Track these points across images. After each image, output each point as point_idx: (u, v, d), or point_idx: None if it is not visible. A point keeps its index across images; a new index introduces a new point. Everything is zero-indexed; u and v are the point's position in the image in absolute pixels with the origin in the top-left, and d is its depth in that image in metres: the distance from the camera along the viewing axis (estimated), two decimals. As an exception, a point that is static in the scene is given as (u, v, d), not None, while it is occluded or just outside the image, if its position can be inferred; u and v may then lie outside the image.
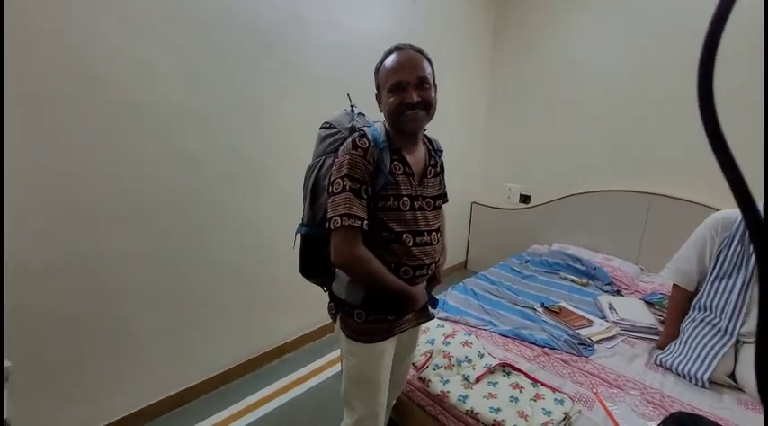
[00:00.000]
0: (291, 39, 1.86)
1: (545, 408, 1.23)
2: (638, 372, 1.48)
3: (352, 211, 0.91)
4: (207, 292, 1.80)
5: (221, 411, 1.77)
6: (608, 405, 1.29)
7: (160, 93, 1.49)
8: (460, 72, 2.96)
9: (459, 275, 3.29)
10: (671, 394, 1.35)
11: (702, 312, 1.55)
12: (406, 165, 1.01)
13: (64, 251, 1.37)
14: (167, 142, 1.55)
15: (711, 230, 1.56)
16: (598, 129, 2.69)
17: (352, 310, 1.04)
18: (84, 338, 1.46)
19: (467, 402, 1.28)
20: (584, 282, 2.31)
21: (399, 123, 0.99)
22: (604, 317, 1.87)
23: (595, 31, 2.62)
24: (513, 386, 1.34)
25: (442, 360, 1.46)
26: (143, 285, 1.58)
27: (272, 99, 1.86)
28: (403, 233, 1.00)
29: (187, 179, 1.64)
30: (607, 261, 2.49)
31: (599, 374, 1.47)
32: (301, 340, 2.28)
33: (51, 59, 1.24)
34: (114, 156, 1.43)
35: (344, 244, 0.93)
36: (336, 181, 0.94)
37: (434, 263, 1.11)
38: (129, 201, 1.49)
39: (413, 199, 1.02)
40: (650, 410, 1.27)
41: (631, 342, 1.69)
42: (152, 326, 1.64)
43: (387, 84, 0.97)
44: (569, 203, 2.84)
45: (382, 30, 2.27)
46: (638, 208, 2.50)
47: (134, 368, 1.62)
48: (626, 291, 2.20)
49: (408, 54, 0.98)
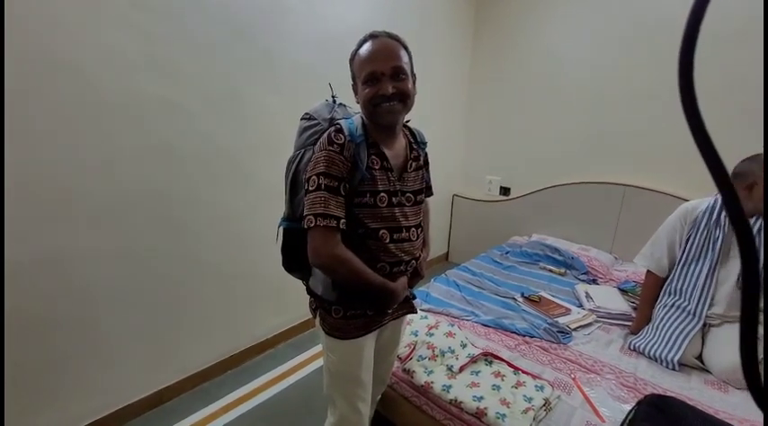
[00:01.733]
0: (271, 27, 1.81)
1: (526, 395, 1.26)
2: (614, 357, 1.54)
3: (327, 211, 0.89)
4: (186, 289, 1.75)
5: (203, 408, 1.74)
6: (585, 390, 1.34)
7: (131, 83, 1.42)
8: (441, 63, 2.95)
9: (440, 267, 3.33)
10: (644, 377, 1.41)
11: (672, 296, 1.63)
12: (384, 160, 0.98)
13: (33, 250, 1.30)
14: (140, 134, 1.48)
15: (681, 218, 1.63)
16: (575, 122, 2.75)
17: (329, 306, 1.03)
18: (57, 339, 1.40)
19: (450, 391, 1.30)
20: (562, 272, 2.37)
21: (375, 116, 0.95)
22: (581, 305, 1.93)
23: (573, 25, 2.66)
24: (495, 374, 1.37)
25: (425, 351, 1.47)
26: (117, 283, 1.53)
27: (252, 89, 1.80)
28: (379, 229, 0.97)
29: (162, 173, 1.58)
30: (584, 251, 2.57)
31: (577, 360, 1.51)
32: (283, 335, 2.26)
33: (12, 48, 1.16)
34: (84, 150, 1.36)
35: (322, 244, 0.90)
36: (312, 178, 0.91)
37: (414, 260, 1.09)
38: (100, 197, 1.43)
39: (391, 195, 0.99)
40: (625, 393, 1.33)
41: (607, 329, 1.75)
42: (128, 325, 1.59)
43: (361, 75, 0.93)
44: (548, 195, 2.90)
45: (364, 17, 2.23)
46: (612, 199, 2.58)
47: (110, 369, 1.56)
48: (601, 280, 2.28)
49: (384, 42, 0.93)
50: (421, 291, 2.06)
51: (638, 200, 2.46)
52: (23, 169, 1.24)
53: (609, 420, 1.19)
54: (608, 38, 2.51)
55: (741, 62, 2.04)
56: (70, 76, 1.29)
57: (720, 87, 2.06)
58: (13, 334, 1.30)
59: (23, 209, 1.26)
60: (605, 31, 2.52)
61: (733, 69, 2.06)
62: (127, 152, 1.46)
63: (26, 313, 1.32)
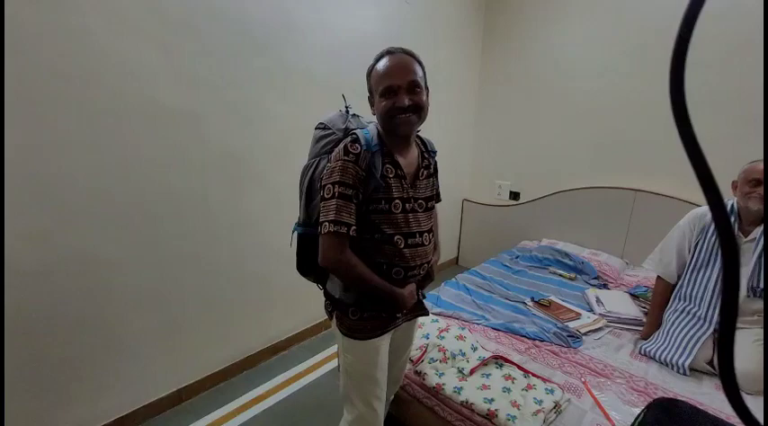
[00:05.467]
0: (283, 38, 1.87)
1: (536, 397, 1.29)
2: (624, 362, 1.55)
3: (339, 218, 0.94)
4: (201, 291, 1.81)
5: (220, 408, 1.79)
6: (596, 394, 1.35)
7: (149, 93, 1.49)
8: (451, 71, 2.99)
9: (450, 271, 3.35)
10: (654, 382, 1.42)
11: (682, 302, 1.63)
12: (397, 168, 1.03)
13: (56, 252, 1.36)
14: (157, 142, 1.55)
15: (690, 224, 1.64)
16: (585, 128, 2.76)
17: (346, 308, 1.07)
18: (79, 339, 1.46)
19: (462, 393, 1.33)
20: (572, 276, 2.38)
21: (391, 127, 1.00)
22: (592, 310, 1.94)
23: (582, 32, 2.68)
24: (505, 377, 1.40)
25: (437, 354, 1.50)
26: (137, 285, 1.59)
27: (264, 98, 1.86)
28: (394, 235, 1.02)
29: (180, 179, 1.64)
30: (594, 256, 2.57)
31: (587, 364, 1.53)
32: (296, 337, 2.31)
33: (39, 59, 1.23)
34: (104, 157, 1.42)
35: (331, 248, 0.96)
36: (327, 186, 0.96)
37: (427, 263, 1.13)
38: (122, 201, 1.49)
39: (404, 202, 1.04)
40: (635, 397, 1.34)
41: (617, 333, 1.76)
42: (147, 326, 1.65)
43: (378, 88, 0.99)
44: (558, 200, 2.91)
45: (373, 29, 2.29)
46: (623, 204, 2.58)
47: (130, 368, 1.63)
48: (612, 285, 2.28)
49: (400, 58, 0.99)
50: (431, 295, 2.09)
51: (649, 205, 2.46)
52: (51, 174, 1.31)
53: (619, 423, 1.21)
54: (618, 44, 2.53)
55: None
56: (97, 86, 1.36)
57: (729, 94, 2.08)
58: (43, 332, 1.37)
59: (52, 213, 1.33)
60: (615, 38, 2.54)
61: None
62: (147, 158, 1.53)
63: (54, 312, 1.38)
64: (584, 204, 2.77)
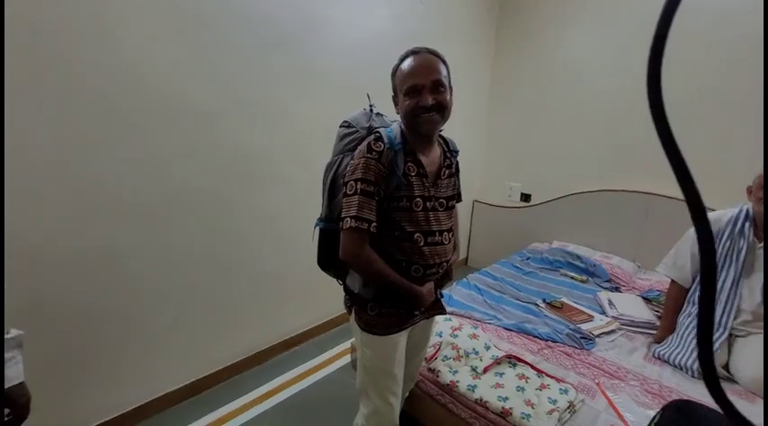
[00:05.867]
0: (302, 36, 1.90)
1: (550, 397, 1.29)
2: (638, 364, 1.55)
3: (361, 214, 0.96)
4: (217, 286, 1.84)
5: (233, 401, 1.82)
6: (609, 395, 1.36)
7: (171, 89, 1.52)
8: (463, 70, 3.00)
9: (460, 272, 3.34)
10: (669, 385, 1.42)
11: (696, 306, 1.62)
12: (420, 167, 1.04)
13: (83, 243, 1.40)
14: (183, 139, 1.59)
15: None
16: (598, 130, 2.76)
17: (365, 303, 1.09)
18: (99, 329, 1.50)
19: (476, 391, 1.34)
20: (584, 279, 2.38)
21: (415, 126, 1.01)
22: (604, 313, 1.94)
23: (595, 33, 2.68)
24: (519, 376, 1.41)
25: (450, 352, 1.52)
26: (157, 278, 1.63)
27: (282, 96, 1.89)
28: (414, 232, 1.04)
29: (203, 174, 1.68)
30: (606, 259, 2.56)
31: (600, 366, 1.53)
32: (308, 333, 2.33)
33: (63, 57, 1.27)
34: (133, 152, 1.46)
35: (351, 243, 0.98)
36: (350, 183, 0.99)
37: (446, 262, 1.15)
38: (145, 196, 1.53)
39: (425, 200, 1.05)
40: (649, 399, 1.34)
41: (630, 336, 1.76)
42: (164, 319, 1.68)
43: (403, 87, 1.00)
44: (569, 202, 2.91)
45: (388, 28, 2.31)
46: (636, 208, 2.57)
47: (147, 360, 1.66)
48: (624, 288, 2.27)
49: (425, 57, 1.00)
50: (443, 294, 2.10)
51: (663, 209, 2.45)
52: (77, 168, 1.35)
53: (633, 425, 1.21)
54: (630, 46, 2.52)
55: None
56: (120, 83, 1.39)
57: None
58: (65, 322, 1.41)
59: (82, 206, 1.38)
60: (629, 39, 2.52)
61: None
62: (168, 154, 1.56)
63: (76, 302, 1.42)
64: (597, 207, 2.76)
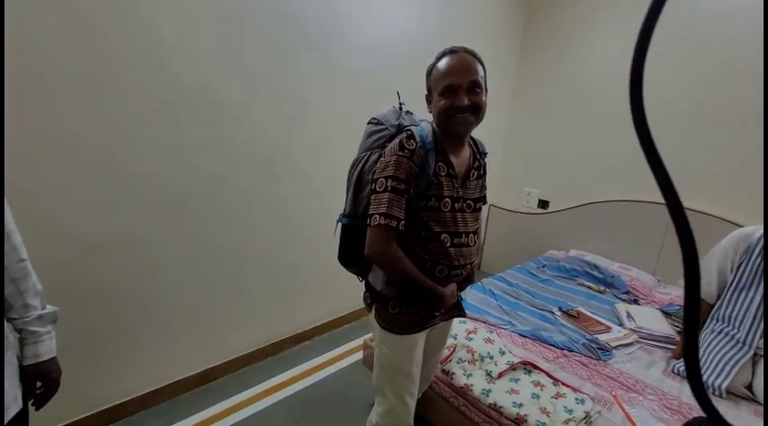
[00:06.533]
0: (331, 34, 1.91)
1: (566, 406, 1.28)
2: (656, 379, 1.52)
3: (391, 211, 0.95)
4: (235, 276, 1.86)
5: (244, 390, 1.84)
6: (627, 408, 1.33)
7: (204, 82, 1.55)
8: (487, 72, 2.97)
9: (472, 275, 3.33)
10: (688, 402, 1.39)
11: (721, 323, 1.58)
12: (450, 167, 1.03)
13: (110, 227, 1.43)
14: (210, 130, 1.61)
15: (734, 244, 1.59)
16: (622, 138, 2.70)
17: (386, 301, 1.09)
18: (125, 312, 1.53)
19: (490, 395, 1.33)
20: (601, 289, 2.34)
21: (448, 126, 1.00)
22: (622, 324, 1.90)
23: (621, 40, 2.63)
24: (534, 383, 1.39)
25: (465, 355, 1.50)
26: (177, 265, 1.65)
27: (309, 92, 1.90)
28: (441, 233, 1.03)
29: (226, 166, 1.70)
30: (624, 270, 2.52)
31: (617, 378, 1.50)
32: (320, 328, 2.34)
33: (106, 47, 1.30)
34: (163, 141, 1.49)
35: (379, 240, 0.98)
36: (380, 180, 0.98)
37: (470, 265, 1.14)
38: (169, 185, 1.55)
39: (454, 201, 1.04)
40: (668, 415, 1.31)
41: (649, 350, 1.72)
42: (183, 306, 1.71)
43: (438, 87, 0.99)
44: (589, 211, 2.86)
45: (414, 28, 2.30)
46: (658, 220, 2.51)
47: (164, 344, 1.69)
48: (643, 301, 2.23)
49: (462, 57, 0.99)
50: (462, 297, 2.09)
51: (686, 222, 2.38)
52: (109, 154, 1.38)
53: (651, 440, 1.19)
54: (656, 56, 2.45)
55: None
56: (157, 72, 1.42)
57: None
58: (93, 304, 1.44)
59: (110, 192, 1.41)
60: (653, 50, 2.46)
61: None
62: (196, 144, 1.59)
63: (100, 284, 1.45)
64: (617, 217, 2.71)
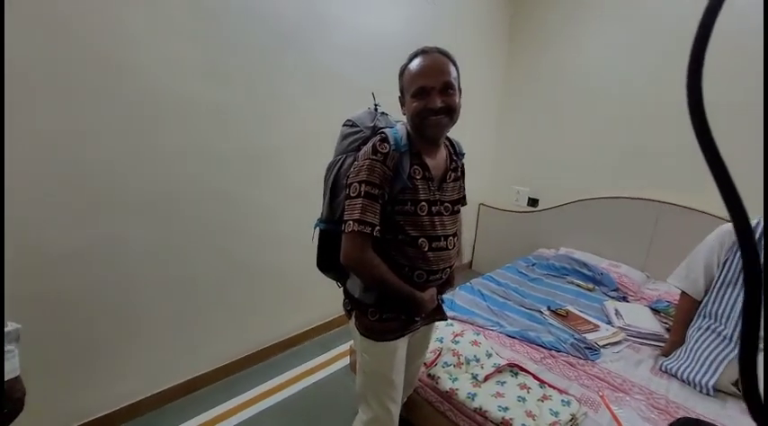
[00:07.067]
0: (310, 34, 1.88)
1: (552, 409, 1.26)
2: (644, 377, 1.51)
3: (364, 217, 0.93)
4: (218, 283, 1.83)
5: (230, 399, 1.81)
6: (614, 409, 1.32)
7: (181, 85, 1.51)
8: (473, 73, 2.95)
9: (464, 275, 3.31)
10: (676, 400, 1.38)
11: (707, 319, 1.58)
12: (425, 170, 1.01)
13: (84, 236, 1.40)
14: (185, 134, 1.57)
15: (720, 239, 1.58)
16: (610, 136, 2.70)
17: (366, 308, 1.06)
18: (101, 323, 1.50)
19: (475, 399, 1.31)
20: (591, 287, 2.33)
21: (421, 128, 0.98)
22: (610, 322, 1.89)
23: (609, 39, 2.63)
24: (520, 386, 1.37)
25: (451, 358, 1.49)
26: (157, 274, 1.62)
27: (288, 94, 1.87)
28: (419, 237, 1.01)
29: (202, 170, 1.66)
30: (613, 268, 2.51)
31: (605, 378, 1.49)
32: (308, 333, 2.32)
33: (77, 48, 1.26)
34: (134, 147, 1.45)
35: (353, 247, 0.95)
36: (354, 185, 0.95)
37: (449, 268, 1.12)
38: (146, 192, 1.52)
39: (431, 204, 1.02)
40: (655, 415, 1.30)
41: (637, 348, 1.71)
42: (164, 315, 1.68)
43: (411, 88, 0.97)
44: (578, 208, 2.85)
45: (398, 28, 2.29)
46: (646, 217, 2.51)
47: (146, 355, 1.65)
48: (632, 298, 2.22)
49: (434, 58, 0.96)
50: (446, 299, 2.07)
51: (674, 218, 2.39)
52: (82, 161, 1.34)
53: (638, 441, 1.18)
54: (645, 51, 2.47)
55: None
56: (129, 75, 1.38)
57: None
58: (64, 316, 1.40)
59: (79, 200, 1.37)
60: (642, 45, 2.48)
61: None
62: (173, 148, 1.55)
63: (78, 297, 1.42)
64: (606, 214, 2.71)
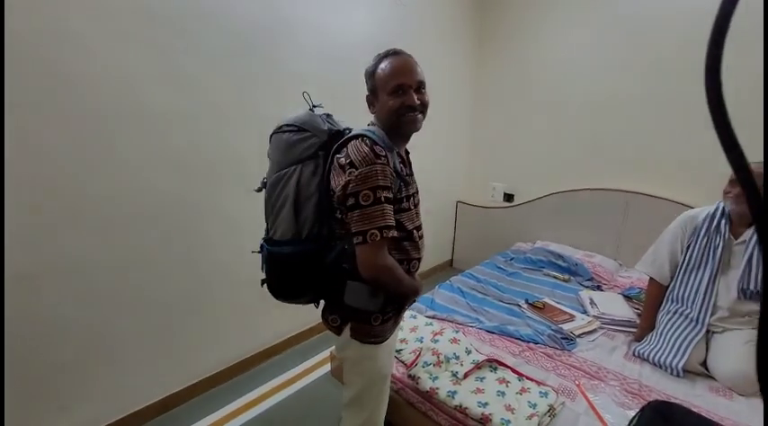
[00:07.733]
0: (272, 38, 1.85)
1: (530, 401, 1.28)
2: (618, 364, 1.55)
3: (390, 222, 0.91)
4: (191, 295, 1.78)
5: (210, 414, 1.76)
6: (590, 396, 1.34)
7: (136, 93, 1.46)
8: (445, 72, 2.99)
9: (445, 274, 3.34)
10: (648, 384, 1.42)
11: (675, 303, 1.63)
12: (407, 165, 1.07)
13: (44, 255, 1.33)
14: (148, 143, 1.52)
15: (682, 226, 1.65)
16: (579, 129, 2.78)
17: (368, 316, 1.02)
18: (67, 344, 1.43)
19: (455, 397, 1.31)
20: (566, 278, 2.38)
21: (399, 125, 1.00)
22: (585, 312, 1.94)
23: (576, 33, 2.70)
24: (499, 380, 1.38)
25: (430, 358, 1.49)
26: (123, 289, 1.55)
27: (252, 99, 1.83)
28: (414, 230, 1.06)
29: (172, 181, 1.61)
30: (588, 258, 2.58)
31: (581, 367, 1.52)
32: (288, 341, 2.28)
33: (22, 62, 1.20)
34: (93, 160, 1.39)
35: (379, 255, 0.92)
36: (365, 192, 0.89)
37: None
38: (110, 205, 1.46)
39: (414, 197, 1.08)
40: (629, 399, 1.34)
41: (611, 335, 1.76)
42: (137, 332, 1.61)
43: (387, 87, 0.97)
44: (552, 201, 2.92)
45: (367, 31, 2.28)
46: (616, 206, 2.59)
47: (119, 375, 1.59)
48: (606, 286, 2.28)
49: (407, 59, 1.01)
50: (426, 298, 2.08)
51: (642, 207, 2.47)
52: (37, 177, 1.28)
53: (613, 426, 1.20)
54: (611, 45, 2.55)
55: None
56: (83, 86, 1.33)
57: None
58: (25, 339, 1.33)
59: (38, 219, 1.30)
60: (608, 39, 2.55)
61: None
62: (138, 161, 1.50)
63: (39, 316, 1.35)
64: (578, 206, 2.78)
